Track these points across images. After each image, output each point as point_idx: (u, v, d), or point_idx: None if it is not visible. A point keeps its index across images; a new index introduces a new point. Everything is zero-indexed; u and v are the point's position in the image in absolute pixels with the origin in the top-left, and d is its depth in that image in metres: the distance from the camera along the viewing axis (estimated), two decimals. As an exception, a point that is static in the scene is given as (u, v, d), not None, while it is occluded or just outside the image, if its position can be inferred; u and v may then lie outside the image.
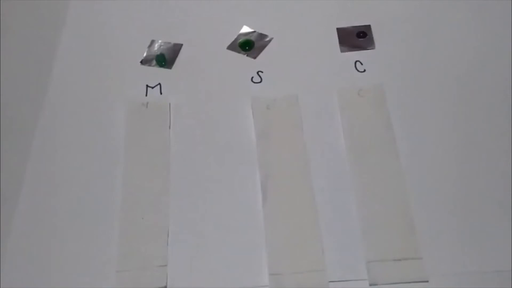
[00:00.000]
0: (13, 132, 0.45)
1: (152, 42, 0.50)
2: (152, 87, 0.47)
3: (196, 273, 0.38)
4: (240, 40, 0.50)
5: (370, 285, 0.37)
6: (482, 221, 0.39)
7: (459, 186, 0.41)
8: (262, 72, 0.48)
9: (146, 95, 0.47)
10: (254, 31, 0.51)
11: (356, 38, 0.49)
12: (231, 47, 0.50)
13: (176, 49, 0.50)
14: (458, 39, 0.48)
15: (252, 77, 0.48)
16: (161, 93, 0.47)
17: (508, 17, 0.49)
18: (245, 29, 0.51)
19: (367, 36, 0.49)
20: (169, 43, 0.50)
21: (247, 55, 0.49)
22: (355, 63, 0.48)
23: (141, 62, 0.49)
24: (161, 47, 0.50)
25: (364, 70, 0.47)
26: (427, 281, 0.37)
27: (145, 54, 0.50)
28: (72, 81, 0.48)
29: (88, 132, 0.45)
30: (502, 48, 0.47)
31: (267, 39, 0.50)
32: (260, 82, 0.47)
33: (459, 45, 0.48)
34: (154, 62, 0.49)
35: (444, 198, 0.40)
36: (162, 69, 0.49)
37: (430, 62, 0.47)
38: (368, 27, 0.50)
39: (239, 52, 0.49)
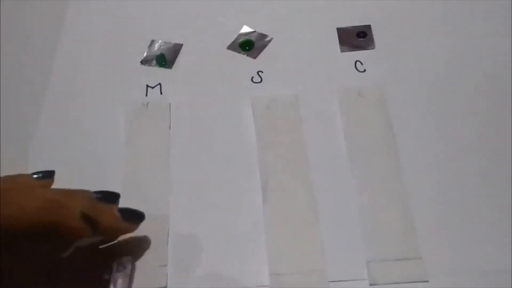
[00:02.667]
0: (12, 132, 0.45)
1: (152, 42, 0.50)
2: (153, 87, 0.47)
3: (196, 273, 0.38)
4: (240, 40, 0.50)
5: (370, 285, 0.37)
6: (482, 221, 0.39)
7: (459, 186, 0.41)
8: (262, 72, 0.48)
9: (146, 95, 0.47)
10: (254, 31, 0.51)
11: (356, 38, 0.49)
12: (231, 47, 0.50)
13: (176, 49, 0.50)
14: (458, 39, 0.48)
15: (252, 77, 0.48)
16: (161, 93, 0.47)
17: (509, 18, 0.49)
18: (245, 29, 0.51)
19: (367, 36, 0.49)
20: (169, 43, 0.50)
21: (247, 55, 0.49)
22: (355, 63, 0.48)
23: (141, 62, 0.49)
24: (161, 47, 0.50)
25: (364, 70, 0.47)
26: (427, 281, 0.37)
27: (145, 54, 0.50)
28: (72, 81, 0.48)
29: (87, 133, 0.45)
30: (502, 48, 0.47)
31: (267, 39, 0.50)
32: (260, 82, 0.47)
33: (460, 45, 0.48)
34: (154, 62, 0.49)
35: (444, 198, 0.40)
36: (162, 69, 0.49)
37: (430, 62, 0.47)
38: (368, 27, 0.50)
39: (239, 52, 0.49)
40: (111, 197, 0.37)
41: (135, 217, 0.38)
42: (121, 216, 0.36)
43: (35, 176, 0.35)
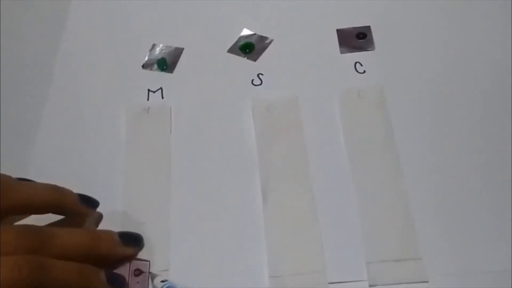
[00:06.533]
0: (13, 136, 0.46)
1: (154, 46, 0.51)
2: (154, 91, 0.48)
3: (197, 276, 0.38)
4: (241, 43, 0.50)
5: (370, 286, 0.37)
6: (482, 221, 0.39)
7: (459, 186, 0.41)
8: (262, 74, 0.48)
9: (148, 100, 0.47)
10: (255, 34, 0.51)
11: (356, 39, 0.49)
12: (232, 50, 0.50)
13: (177, 53, 0.50)
14: (458, 40, 0.48)
15: (253, 80, 0.48)
16: (162, 97, 0.47)
17: (509, 17, 0.49)
18: (246, 31, 0.51)
19: (367, 37, 0.49)
20: (171, 47, 0.51)
21: (247, 58, 0.49)
22: (355, 64, 0.48)
23: (143, 66, 0.50)
24: (163, 51, 0.51)
25: (364, 71, 0.47)
26: (427, 282, 0.37)
27: (146, 58, 0.50)
28: (73, 86, 0.49)
29: (88, 137, 0.46)
30: (502, 48, 0.47)
31: (268, 41, 0.50)
32: (261, 84, 0.48)
33: (460, 45, 0.48)
34: (155, 66, 0.50)
35: (444, 198, 0.40)
36: (163, 73, 0.49)
37: (430, 63, 0.47)
38: (368, 28, 0.50)
39: (239, 55, 0.50)
40: (91, 202, 0.38)
41: (135, 240, 0.38)
42: (122, 241, 0.37)
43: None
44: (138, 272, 0.37)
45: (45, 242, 0.32)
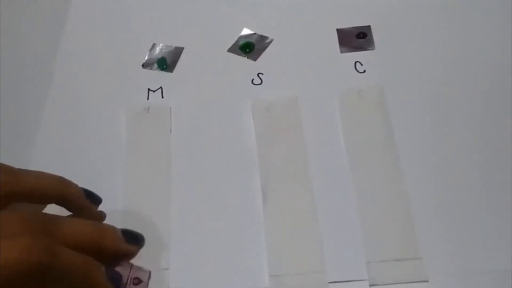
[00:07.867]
0: (13, 136, 0.46)
1: (154, 45, 0.51)
2: (154, 91, 0.48)
3: (197, 275, 0.38)
4: (241, 43, 0.50)
5: (370, 285, 0.37)
6: (482, 221, 0.39)
7: (459, 186, 0.41)
8: (262, 74, 0.48)
9: (148, 99, 0.47)
10: (255, 33, 0.51)
11: (356, 39, 0.49)
12: (231, 49, 0.50)
13: (177, 52, 0.50)
14: (458, 40, 0.48)
15: (253, 79, 0.48)
16: (162, 97, 0.48)
17: (509, 17, 0.49)
18: (246, 31, 0.51)
19: (367, 37, 0.49)
20: (171, 46, 0.51)
21: (247, 57, 0.49)
22: (355, 64, 0.48)
23: (143, 65, 0.50)
24: (163, 50, 0.51)
25: (364, 71, 0.47)
26: (427, 281, 0.37)
27: (146, 58, 0.50)
28: (73, 85, 0.49)
29: (89, 137, 0.46)
30: (502, 48, 0.47)
31: (268, 40, 0.50)
32: (261, 84, 0.48)
33: (460, 45, 0.48)
34: (155, 65, 0.50)
35: (444, 198, 0.40)
36: (163, 72, 0.49)
37: (430, 62, 0.47)
38: (368, 27, 0.50)
39: (239, 55, 0.50)
40: (94, 198, 0.38)
41: (137, 239, 0.38)
42: (125, 239, 0.37)
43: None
44: (137, 281, 0.37)
45: (52, 228, 0.32)
